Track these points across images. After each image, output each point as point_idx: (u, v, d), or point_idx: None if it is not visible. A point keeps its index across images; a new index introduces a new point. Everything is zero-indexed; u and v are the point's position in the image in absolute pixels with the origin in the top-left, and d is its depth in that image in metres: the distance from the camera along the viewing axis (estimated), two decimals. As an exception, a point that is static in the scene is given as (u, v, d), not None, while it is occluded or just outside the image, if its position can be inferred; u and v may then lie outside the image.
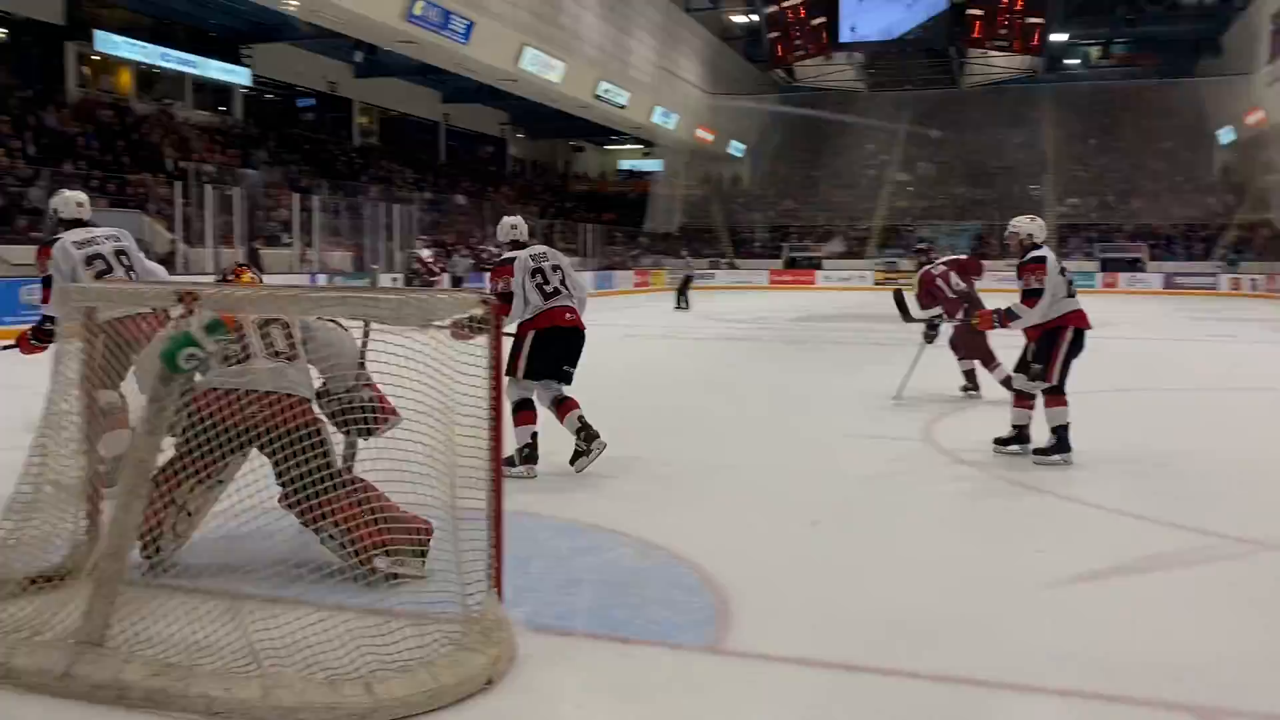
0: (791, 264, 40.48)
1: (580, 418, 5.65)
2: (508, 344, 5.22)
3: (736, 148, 45.70)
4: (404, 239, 25.71)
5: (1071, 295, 6.08)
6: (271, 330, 3.65)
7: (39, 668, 2.79)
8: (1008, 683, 2.97)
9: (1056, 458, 5.92)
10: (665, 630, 3.30)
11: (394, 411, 3.53)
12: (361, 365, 3.77)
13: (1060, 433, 5.95)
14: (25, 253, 15.73)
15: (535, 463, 5.53)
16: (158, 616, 2.98)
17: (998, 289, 9.60)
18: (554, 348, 5.57)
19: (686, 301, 23.20)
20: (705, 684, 2.95)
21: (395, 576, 3.49)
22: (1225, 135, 38.67)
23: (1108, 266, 36.15)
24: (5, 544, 3.31)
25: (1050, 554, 4.26)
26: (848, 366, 11.65)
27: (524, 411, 5.57)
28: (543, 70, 28.42)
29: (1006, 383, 7.41)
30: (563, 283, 5.66)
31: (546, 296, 5.55)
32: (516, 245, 5.79)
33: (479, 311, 3.12)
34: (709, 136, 42.09)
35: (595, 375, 10.06)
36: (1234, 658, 3.17)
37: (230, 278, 4.22)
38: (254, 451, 3.54)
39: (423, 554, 3.57)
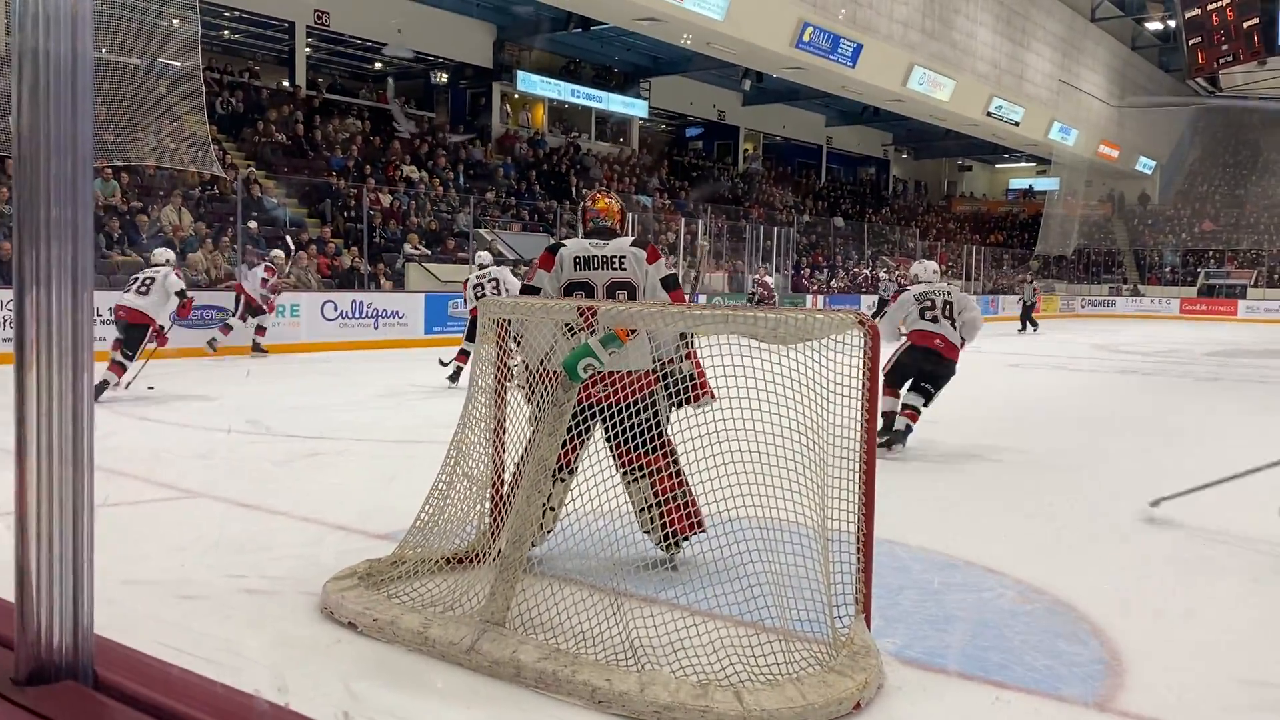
0: (1208, 292, 36.39)
1: None
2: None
3: (1145, 164, 41.85)
4: (779, 261, 26.20)
5: (926, 319, 7.18)
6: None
7: (450, 640, 3.12)
8: None
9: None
10: (1047, 681, 3.07)
11: (711, 393, 3.64)
12: (684, 339, 3.92)
13: (885, 419, 6.95)
14: (454, 270, 17.86)
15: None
16: (549, 604, 3.23)
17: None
18: None
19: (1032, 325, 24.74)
20: (1092, 744, 2.71)
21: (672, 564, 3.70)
22: None
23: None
24: (427, 527, 3.76)
25: None
26: (1275, 411, 10.25)
27: None
28: (931, 89, 27.73)
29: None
30: None
31: None
32: None
33: (855, 331, 3.10)
34: (1113, 153, 38.88)
35: (977, 405, 9.69)
36: None
37: None
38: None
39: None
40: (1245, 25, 32.80)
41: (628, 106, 28.96)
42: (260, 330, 13.33)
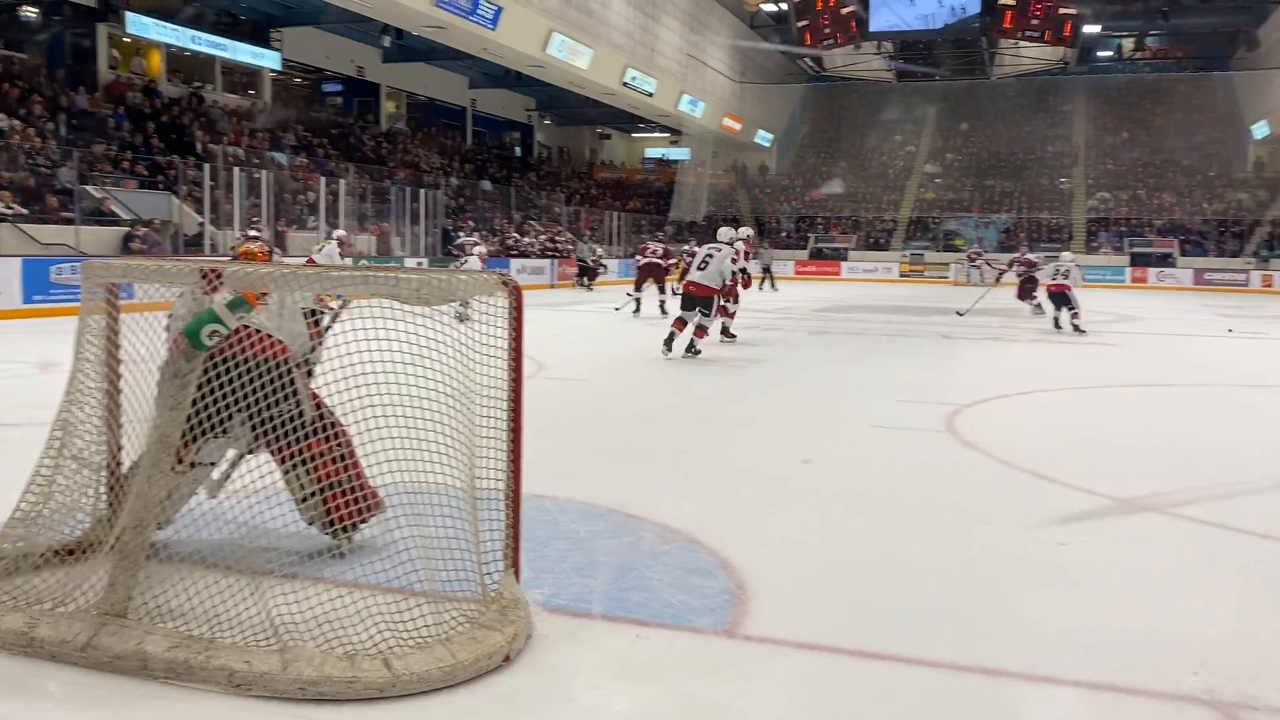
0: (818, 255, 40.36)
1: None
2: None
3: (764, 137, 45.52)
4: (428, 224, 25.89)
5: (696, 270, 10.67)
6: None
7: (61, 638, 2.83)
8: (1025, 673, 2.96)
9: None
10: (682, 614, 3.30)
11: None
12: (311, 317, 3.78)
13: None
14: (57, 232, 15.94)
15: None
16: (179, 590, 3.01)
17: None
18: None
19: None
20: (719, 668, 2.95)
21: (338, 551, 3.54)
22: (1259, 129, 38.06)
23: (1137, 261, 35.80)
24: (28, 518, 3.36)
25: (1072, 545, 4.23)
26: (871, 358, 11.61)
27: None
28: (570, 57, 28.37)
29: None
30: None
31: None
32: None
33: (500, 293, 3.13)
34: (736, 125, 41.93)
35: (617, 362, 10.13)
36: (1250, 646, 3.14)
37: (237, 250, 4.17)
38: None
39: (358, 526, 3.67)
40: (844, 12, 36.55)
41: (257, 57, 27.06)
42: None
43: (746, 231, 13.32)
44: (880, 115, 46.69)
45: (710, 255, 10.67)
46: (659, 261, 17.32)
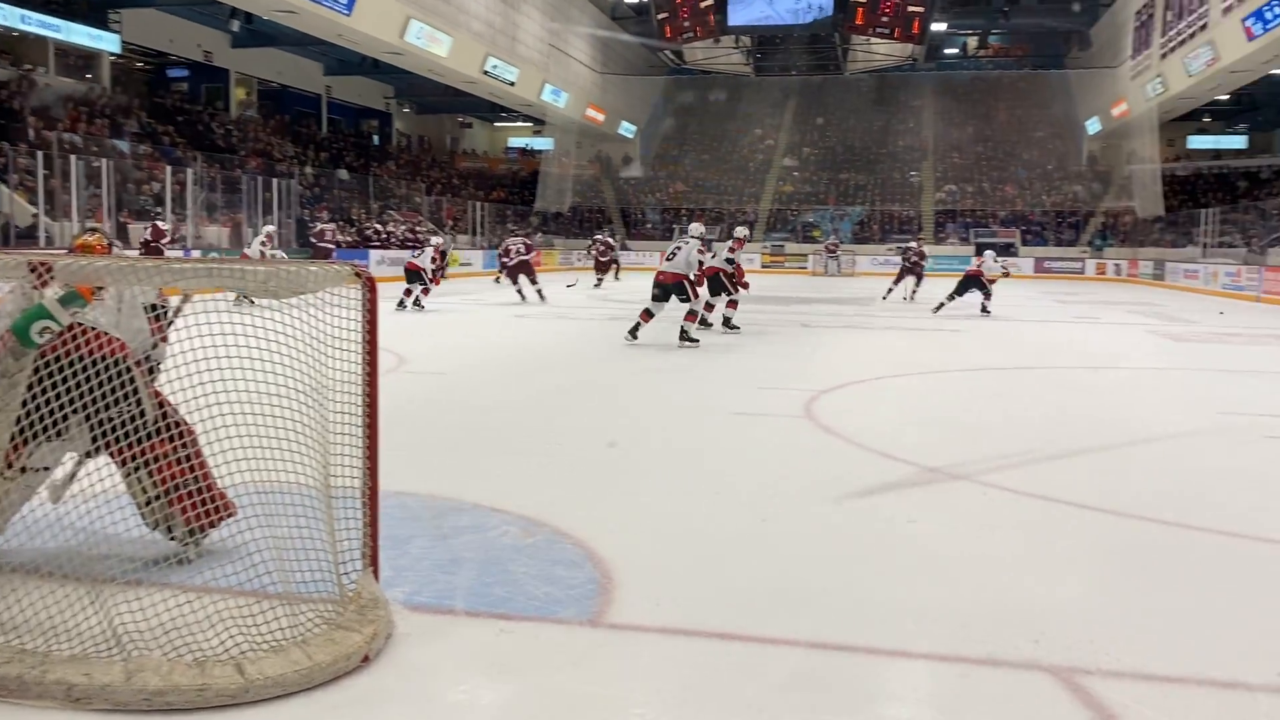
0: (681, 246, 40.68)
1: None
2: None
3: (627, 128, 45.65)
4: (282, 215, 25.05)
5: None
6: None
7: (-122, 659, 2.64)
8: (879, 647, 3.07)
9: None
10: (546, 606, 3.30)
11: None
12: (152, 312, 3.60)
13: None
14: None
15: None
16: (11, 602, 2.84)
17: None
18: None
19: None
20: (585, 658, 2.96)
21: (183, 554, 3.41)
22: (1092, 125, 40.38)
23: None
24: None
25: (919, 521, 4.41)
26: (733, 347, 11.82)
27: None
28: (429, 44, 27.84)
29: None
30: None
31: None
32: None
33: (353, 284, 3.05)
34: (599, 116, 41.94)
35: (483, 353, 10.02)
36: (1083, 614, 3.34)
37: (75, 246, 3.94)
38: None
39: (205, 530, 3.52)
40: (702, 5, 36.97)
41: (94, 39, 25.61)
42: (425, 292, 16.09)
43: (743, 231, 13.89)
44: (740, 109, 47.46)
45: (679, 248, 11.58)
46: (526, 258, 18.59)
